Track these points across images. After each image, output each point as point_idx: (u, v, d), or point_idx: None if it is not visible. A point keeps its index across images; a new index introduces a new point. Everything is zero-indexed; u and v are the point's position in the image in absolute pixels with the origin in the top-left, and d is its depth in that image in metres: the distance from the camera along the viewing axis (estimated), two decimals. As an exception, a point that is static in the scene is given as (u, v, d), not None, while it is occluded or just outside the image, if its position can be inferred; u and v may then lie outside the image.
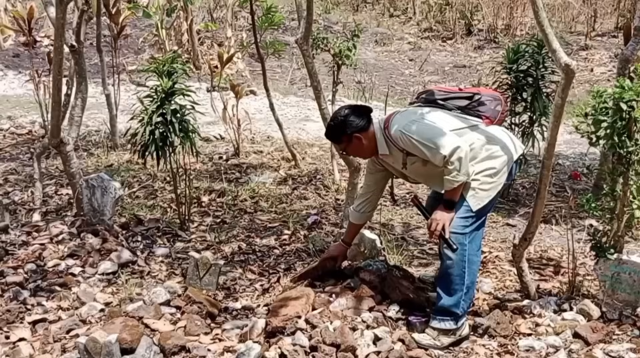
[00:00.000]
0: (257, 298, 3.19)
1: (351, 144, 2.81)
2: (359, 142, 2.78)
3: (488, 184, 2.72)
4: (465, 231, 2.69)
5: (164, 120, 3.40)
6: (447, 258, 2.70)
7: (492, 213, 4.35)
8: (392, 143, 2.74)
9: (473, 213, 2.70)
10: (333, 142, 2.93)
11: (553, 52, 2.37)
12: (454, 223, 2.68)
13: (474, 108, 2.78)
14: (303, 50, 3.08)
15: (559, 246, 3.83)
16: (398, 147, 2.72)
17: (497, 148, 2.75)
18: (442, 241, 2.68)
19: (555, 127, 2.56)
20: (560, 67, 2.40)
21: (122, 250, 3.36)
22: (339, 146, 2.89)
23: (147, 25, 10.78)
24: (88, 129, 6.02)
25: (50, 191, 4.44)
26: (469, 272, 2.71)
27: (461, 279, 2.70)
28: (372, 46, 11.37)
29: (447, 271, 2.72)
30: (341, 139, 2.81)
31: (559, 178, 4.98)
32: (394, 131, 2.70)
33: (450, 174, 2.61)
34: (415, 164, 2.75)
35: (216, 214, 4.23)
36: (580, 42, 9.99)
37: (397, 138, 2.68)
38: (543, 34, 2.35)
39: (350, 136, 2.78)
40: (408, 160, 2.74)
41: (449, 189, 2.65)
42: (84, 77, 3.67)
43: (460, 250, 2.67)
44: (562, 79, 2.42)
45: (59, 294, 2.97)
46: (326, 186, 4.76)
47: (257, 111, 6.94)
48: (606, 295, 2.91)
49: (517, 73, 4.09)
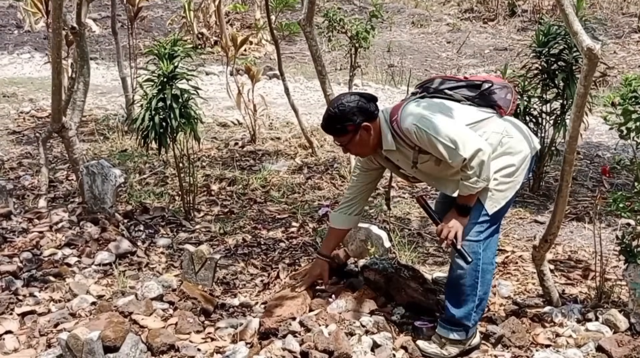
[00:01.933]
0: (257, 294, 3.09)
1: (356, 137, 2.46)
2: (367, 134, 2.46)
3: (505, 184, 2.46)
4: (479, 238, 2.45)
5: (165, 105, 3.31)
6: (457, 268, 2.47)
7: (520, 209, 4.10)
8: (400, 138, 2.44)
9: (489, 217, 2.46)
10: (335, 134, 2.51)
11: (574, 35, 2.12)
12: (467, 228, 2.44)
13: (485, 97, 2.51)
14: (306, 32, 2.91)
15: (590, 246, 3.55)
16: (408, 143, 2.42)
17: (515, 142, 2.48)
18: (454, 251, 2.46)
19: (577, 118, 2.31)
20: (582, 51, 2.15)
21: (121, 240, 3.31)
22: (342, 138, 2.49)
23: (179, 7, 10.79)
24: (107, 113, 6.04)
25: (61, 176, 4.46)
26: (482, 282, 2.48)
27: (473, 290, 2.47)
28: (408, 27, 11.02)
29: (457, 281, 2.49)
30: (346, 129, 2.45)
31: (597, 171, 4.65)
32: (407, 125, 2.38)
33: (468, 179, 2.34)
34: (426, 164, 2.46)
35: (224, 203, 4.14)
36: (633, 24, 9.38)
37: (411, 132, 2.36)
38: (563, 14, 2.10)
39: (358, 126, 2.45)
40: (419, 158, 2.44)
41: (465, 194, 2.40)
42: (85, 61, 3.62)
43: (473, 258, 2.44)
44: (585, 65, 2.17)
45: (53, 285, 2.94)
46: (342, 176, 4.60)
47: (279, 96, 6.80)
48: (636, 304, 2.67)
49: (549, 57, 3.78)
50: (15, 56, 8.87)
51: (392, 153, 2.52)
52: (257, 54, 8.96)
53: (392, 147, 2.48)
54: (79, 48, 3.60)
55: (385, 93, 7.13)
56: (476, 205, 2.45)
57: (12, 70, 8.22)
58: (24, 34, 10.21)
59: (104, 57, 9.03)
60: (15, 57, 8.81)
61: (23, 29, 10.37)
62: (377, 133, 2.49)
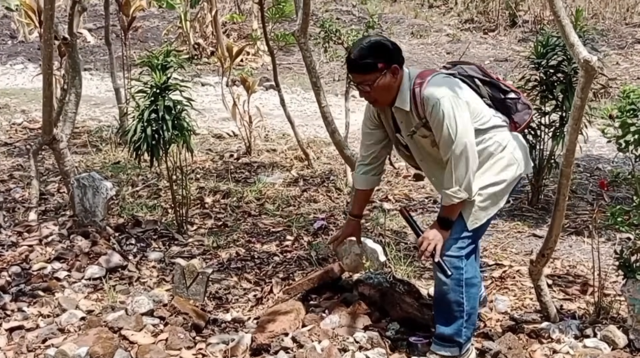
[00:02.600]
0: (249, 309, 3.09)
1: (384, 78, 2.33)
2: (393, 79, 2.35)
3: (490, 201, 2.48)
4: (461, 254, 2.47)
5: (157, 117, 3.33)
6: (441, 283, 2.49)
7: (518, 222, 4.11)
8: (414, 103, 2.38)
9: (469, 233, 2.47)
10: (363, 71, 2.34)
11: (571, 47, 2.15)
12: (447, 244, 2.45)
13: (506, 106, 2.52)
14: (300, 43, 2.94)
15: (589, 261, 3.56)
16: (419, 111, 2.37)
17: (513, 159, 2.51)
18: (434, 264, 2.48)
19: (574, 131, 2.33)
20: (579, 63, 2.17)
21: (111, 254, 3.32)
22: (369, 76, 2.33)
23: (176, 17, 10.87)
24: (100, 125, 6.07)
25: (52, 188, 4.47)
26: (468, 297, 2.49)
27: (459, 306, 2.48)
28: (407, 38, 11.10)
29: (443, 297, 2.51)
30: (376, 67, 2.32)
31: (597, 184, 4.66)
32: (430, 95, 2.32)
33: (449, 188, 2.36)
34: (423, 140, 2.42)
35: (218, 216, 4.15)
36: (636, 34, 9.45)
37: (429, 104, 2.31)
38: (559, 25, 2.13)
39: (389, 67, 2.34)
40: (420, 131, 2.39)
41: (447, 204, 2.42)
42: (77, 72, 3.65)
43: (456, 273, 2.45)
44: (581, 77, 2.19)
45: (41, 299, 2.94)
46: (338, 189, 4.61)
47: (275, 107, 6.83)
48: (635, 320, 2.67)
49: (547, 68, 3.81)
50: (9, 66, 8.93)
51: (401, 112, 2.44)
52: (254, 64, 9.02)
53: (406, 107, 2.40)
54: (71, 59, 3.63)
55: (383, 104, 7.17)
56: (458, 220, 2.46)
57: (5, 81, 8.27)
58: (18, 44, 10.28)
59: (98, 67, 9.09)
60: (8, 67, 8.87)
61: (17, 39, 10.44)
62: (398, 86, 2.40)
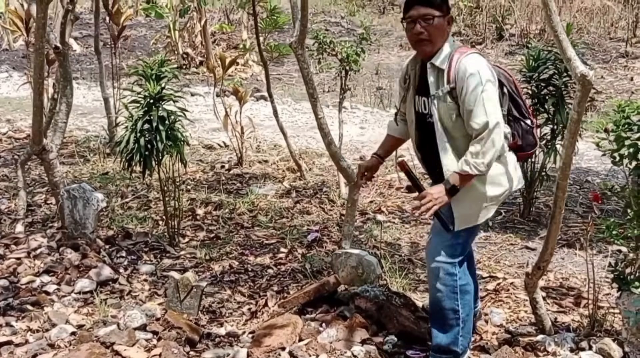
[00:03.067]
0: (244, 323, 3.06)
1: (442, 21, 2.40)
2: (447, 27, 2.43)
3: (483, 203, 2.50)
4: (454, 261, 2.50)
5: (151, 127, 3.31)
6: (435, 291, 2.51)
7: (510, 234, 4.15)
8: (449, 66, 2.38)
9: (460, 239, 2.50)
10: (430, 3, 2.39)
11: (568, 61, 2.19)
12: (439, 250, 2.48)
13: (519, 126, 2.54)
14: (298, 55, 2.95)
15: (582, 273, 3.59)
16: (450, 76, 2.37)
17: (505, 175, 2.52)
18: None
19: (570, 144, 2.36)
20: (575, 77, 2.21)
21: (102, 267, 3.27)
22: (434, 11, 2.38)
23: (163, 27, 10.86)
24: (88, 135, 6.01)
25: (39, 199, 4.41)
26: (463, 304, 2.52)
27: (454, 313, 2.51)
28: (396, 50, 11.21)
29: (438, 305, 2.53)
30: (442, 7, 2.40)
31: (587, 196, 4.72)
32: (468, 62, 2.34)
33: (475, 157, 2.33)
34: (445, 106, 2.39)
35: (210, 228, 4.12)
36: (620, 49, 9.66)
37: (467, 71, 2.33)
38: (557, 40, 2.17)
39: (448, 13, 2.43)
40: (444, 97, 2.38)
41: (462, 173, 2.36)
42: (69, 81, 3.61)
43: (450, 280, 2.48)
44: (578, 92, 2.23)
45: (30, 314, 2.89)
46: (331, 201, 4.61)
47: (266, 118, 6.84)
48: (630, 333, 2.69)
49: (538, 82, 3.87)
50: (-7, 75, 8.83)
51: (434, 70, 2.44)
52: (243, 74, 9.03)
53: (442, 65, 2.41)
54: (62, 68, 3.60)
55: (374, 116, 7.21)
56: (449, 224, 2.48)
57: (-11, 90, 8.17)
58: (2, 52, 10.18)
59: (85, 76, 9.02)
60: (-8, 76, 8.77)
61: (1, 47, 10.34)
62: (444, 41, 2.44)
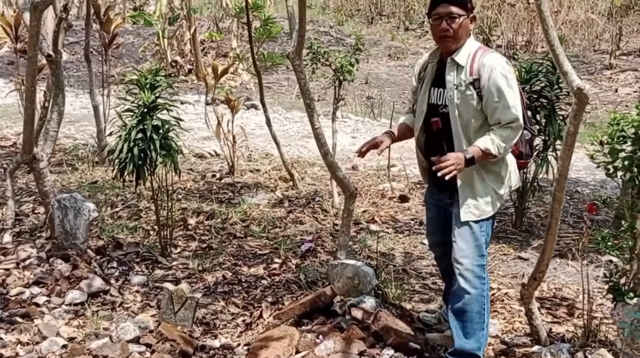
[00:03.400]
0: (238, 335, 3.03)
1: (466, 19, 2.48)
2: (470, 25, 2.52)
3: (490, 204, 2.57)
4: (483, 263, 2.55)
5: (145, 136, 3.28)
6: (464, 293, 2.52)
7: (503, 245, 4.17)
8: (472, 61, 2.47)
9: (482, 234, 2.54)
10: (459, 2, 2.47)
11: (564, 75, 2.22)
12: (470, 251, 2.51)
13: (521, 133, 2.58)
14: (295, 65, 2.95)
15: (574, 283, 3.63)
16: (473, 69, 2.45)
17: (508, 174, 2.62)
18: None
19: (567, 156, 2.39)
20: (572, 91, 2.24)
21: (93, 278, 3.22)
22: (460, 9, 2.47)
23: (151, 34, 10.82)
24: (76, 143, 5.94)
25: (27, 209, 4.34)
26: (487, 308, 2.57)
27: (481, 317, 2.53)
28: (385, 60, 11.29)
29: (464, 308, 2.53)
30: (467, 6, 2.49)
31: (577, 207, 4.78)
32: (493, 58, 2.44)
33: (500, 138, 2.41)
34: (467, 97, 2.46)
35: (202, 238, 4.09)
36: (605, 61, 9.83)
37: (492, 65, 2.42)
38: (554, 54, 2.20)
39: (471, 12, 2.52)
40: (468, 87, 2.45)
41: (482, 146, 2.42)
42: (61, 89, 3.57)
43: (479, 283, 2.51)
44: (575, 105, 2.26)
45: (20, 326, 2.83)
46: (324, 210, 4.60)
47: (257, 126, 6.83)
48: (625, 343, 2.71)
49: (530, 94, 3.92)
50: (-23, 82, 8.70)
51: (453, 66, 2.51)
52: (232, 83, 9.02)
53: (462, 61, 2.48)
54: (55, 76, 3.56)
55: (366, 125, 7.24)
56: (472, 228, 2.52)
57: (-27, 97, 8.03)
58: (-14, 59, 10.06)
59: (72, 84, 8.94)
60: (-24, 83, 8.64)
61: (-15, 53, 10.21)
62: (466, 38, 2.51)
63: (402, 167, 5.38)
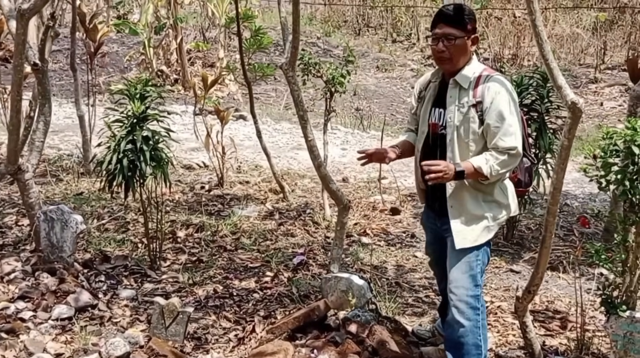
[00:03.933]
0: (231, 350, 3.01)
1: (466, 40, 2.48)
2: (471, 46, 2.51)
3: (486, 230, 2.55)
4: (477, 293, 2.52)
5: (134, 147, 3.27)
6: (458, 326, 2.49)
7: (495, 258, 4.20)
8: (476, 83, 2.46)
9: (477, 263, 2.52)
10: (456, 24, 2.47)
11: (559, 89, 2.26)
12: (464, 281, 2.49)
13: (521, 161, 2.59)
14: (288, 77, 2.97)
15: (566, 296, 3.67)
16: (477, 92, 2.44)
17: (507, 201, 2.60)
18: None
19: (561, 170, 2.43)
20: (566, 105, 2.29)
21: (81, 292, 3.18)
22: (457, 31, 2.47)
23: (136, 43, 10.79)
24: (60, 153, 5.88)
25: (10, 221, 4.28)
26: (484, 339, 2.54)
27: (477, 348, 2.51)
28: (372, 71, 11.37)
29: (459, 340, 2.51)
30: (466, 27, 2.48)
31: (567, 220, 4.84)
32: (499, 81, 2.43)
33: (495, 160, 2.39)
34: (467, 119, 2.45)
35: (192, 251, 4.06)
36: (590, 75, 10.01)
37: (495, 89, 2.41)
38: (548, 68, 2.25)
39: (473, 32, 2.51)
40: (470, 110, 2.44)
41: (475, 163, 2.40)
42: (47, 99, 3.54)
43: (473, 315, 2.48)
44: (569, 119, 2.31)
45: (5, 342, 2.78)
46: (316, 223, 4.60)
47: (246, 138, 6.83)
48: (617, 356, 2.75)
49: (521, 107, 3.96)
50: (-43, 89, 8.57)
51: (455, 86, 2.51)
52: (220, 93, 9.00)
53: (464, 83, 2.48)
54: (41, 85, 3.53)
55: (355, 137, 7.27)
56: (466, 254, 2.50)
57: (-47, 105, 7.91)
58: (-34, 66, 9.92)
59: (56, 93, 8.84)
60: (-44, 91, 8.51)
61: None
62: (467, 60, 2.52)
63: (393, 179, 5.41)
